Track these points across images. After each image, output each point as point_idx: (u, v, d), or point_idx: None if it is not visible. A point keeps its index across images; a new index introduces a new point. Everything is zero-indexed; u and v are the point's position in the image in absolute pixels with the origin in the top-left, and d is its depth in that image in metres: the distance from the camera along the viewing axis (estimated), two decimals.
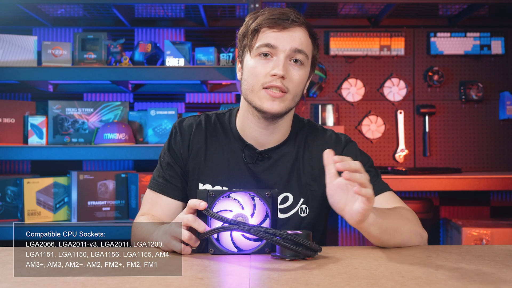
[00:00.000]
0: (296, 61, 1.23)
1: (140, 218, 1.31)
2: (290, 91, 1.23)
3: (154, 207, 1.33)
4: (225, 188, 1.30)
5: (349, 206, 1.03)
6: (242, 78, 1.29)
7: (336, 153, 1.30)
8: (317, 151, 1.33)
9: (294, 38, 1.22)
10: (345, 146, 1.34)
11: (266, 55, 1.23)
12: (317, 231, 1.33)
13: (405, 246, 1.16)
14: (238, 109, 1.38)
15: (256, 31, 1.24)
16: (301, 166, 1.32)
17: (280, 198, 1.29)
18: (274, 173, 1.30)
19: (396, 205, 1.25)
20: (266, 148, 1.32)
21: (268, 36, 1.22)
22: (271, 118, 1.26)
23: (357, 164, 0.98)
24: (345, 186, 1.03)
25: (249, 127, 1.31)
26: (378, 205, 1.25)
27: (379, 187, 1.29)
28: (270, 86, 1.21)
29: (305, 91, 1.32)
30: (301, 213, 1.30)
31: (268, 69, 1.22)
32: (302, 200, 1.30)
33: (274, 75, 1.21)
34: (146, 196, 1.37)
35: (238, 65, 1.33)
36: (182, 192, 1.34)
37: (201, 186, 1.32)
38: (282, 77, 1.21)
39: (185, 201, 1.34)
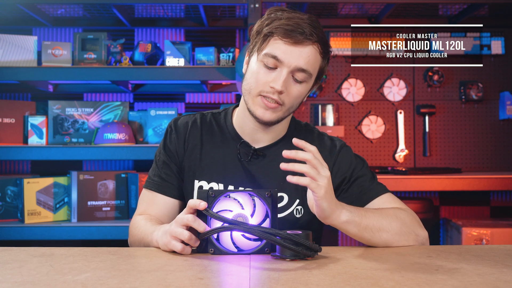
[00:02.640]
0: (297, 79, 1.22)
1: (137, 218, 1.30)
2: (286, 105, 1.23)
3: (151, 206, 1.33)
4: (220, 185, 1.30)
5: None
6: (245, 75, 1.28)
7: (331, 158, 1.32)
8: None
9: (302, 56, 1.19)
10: (340, 151, 1.34)
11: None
12: (314, 229, 1.34)
13: (397, 245, 1.15)
14: (234, 107, 1.38)
15: (267, 36, 1.21)
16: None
17: None
18: (269, 172, 1.30)
19: (393, 207, 1.25)
20: (262, 145, 1.32)
21: (277, 47, 1.19)
22: (263, 123, 1.27)
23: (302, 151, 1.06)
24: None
25: (246, 123, 1.31)
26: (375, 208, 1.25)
27: (375, 191, 1.29)
28: (266, 96, 1.21)
29: (305, 99, 1.32)
30: (296, 214, 1.30)
31: (268, 79, 1.21)
32: (297, 201, 1.31)
33: (272, 88, 1.20)
34: (142, 195, 1.37)
35: (246, 58, 1.30)
36: (179, 190, 1.34)
37: (197, 183, 1.32)
38: (280, 92, 1.20)
39: (181, 199, 1.35)
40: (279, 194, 1.29)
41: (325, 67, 1.29)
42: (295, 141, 1.06)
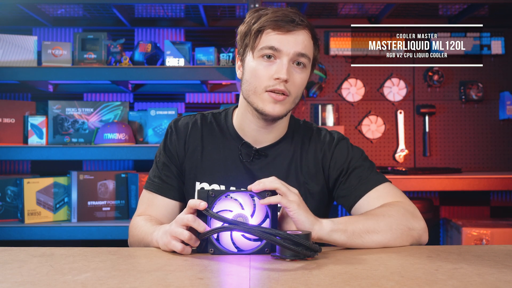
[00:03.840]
0: (299, 64, 1.23)
1: (137, 219, 1.31)
2: (292, 94, 1.24)
3: (151, 207, 1.33)
4: (222, 186, 1.30)
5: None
6: (243, 78, 1.28)
7: (328, 151, 1.33)
8: (313, 151, 1.34)
9: (298, 42, 1.22)
10: (337, 144, 1.34)
11: (269, 57, 1.22)
12: None
13: (393, 244, 1.13)
14: (235, 108, 1.38)
15: (259, 31, 1.23)
16: (298, 165, 1.33)
17: None
18: (271, 171, 1.31)
19: (388, 201, 1.23)
20: (263, 145, 1.33)
21: (272, 38, 1.21)
22: (271, 120, 1.27)
23: (265, 182, 1.06)
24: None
25: (247, 125, 1.32)
26: (369, 202, 1.24)
27: (372, 181, 1.28)
28: (273, 90, 1.21)
29: (304, 91, 1.33)
30: None
31: (271, 72, 1.21)
32: None
33: (278, 78, 1.21)
34: (142, 196, 1.37)
35: (238, 63, 1.32)
36: (179, 192, 1.34)
37: (198, 185, 1.32)
38: (285, 81, 1.21)
39: (181, 200, 1.35)
40: None
41: (318, 55, 1.31)
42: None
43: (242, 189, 1.11)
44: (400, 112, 2.99)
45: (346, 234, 1.09)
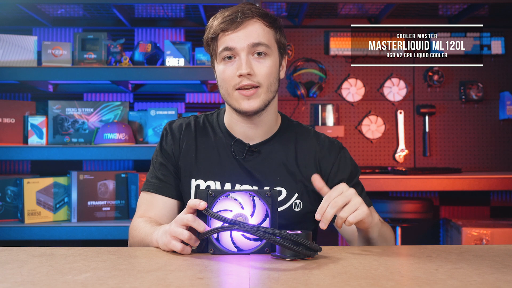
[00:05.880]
0: (259, 54, 1.26)
1: (137, 221, 1.31)
2: (263, 84, 1.26)
3: (150, 208, 1.34)
4: (217, 183, 1.32)
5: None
6: (218, 83, 1.33)
7: (330, 157, 1.36)
8: (311, 151, 1.36)
9: (250, 33, 1.25)
10: (340, 151, 1.37)
11: (229, 58, 1.26)
12: (312, 222, 1.37)
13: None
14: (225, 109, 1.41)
15: (214, 39, 1.28)
16: (294, 163, 1.34)
17: None
18: (265, 168, 1.33)
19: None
20: (255, 142, 1.35)
21: (225, 40, 1.25)
22: (253, 114, 1.29)
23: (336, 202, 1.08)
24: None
25: (235, 124, 1.35)
26: None
27: (366, 203, 1.31)
28: (241, 87, 1.25)
29: (282, 76, 1.35)
30: (295, 208, 1.33)
31: (234, 71, 1.25)
32: (296, 195, 1.33)
33: (241, 75, 1.24)
34: (141, 198, 1.37)
35: (215, 74, 1.36)
36: (177, 190, 1.36)
37: (194, 182, 1.33)
38: (249, 74, 1.24)
39: (180, 199, 1.36)
40: (277, 188, 1.31)
41: (282, 38, 1.32)
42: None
43: (238, 185, 1.11)
44: (400, 112, 3.00)
45: (379, 231, 1.21)
